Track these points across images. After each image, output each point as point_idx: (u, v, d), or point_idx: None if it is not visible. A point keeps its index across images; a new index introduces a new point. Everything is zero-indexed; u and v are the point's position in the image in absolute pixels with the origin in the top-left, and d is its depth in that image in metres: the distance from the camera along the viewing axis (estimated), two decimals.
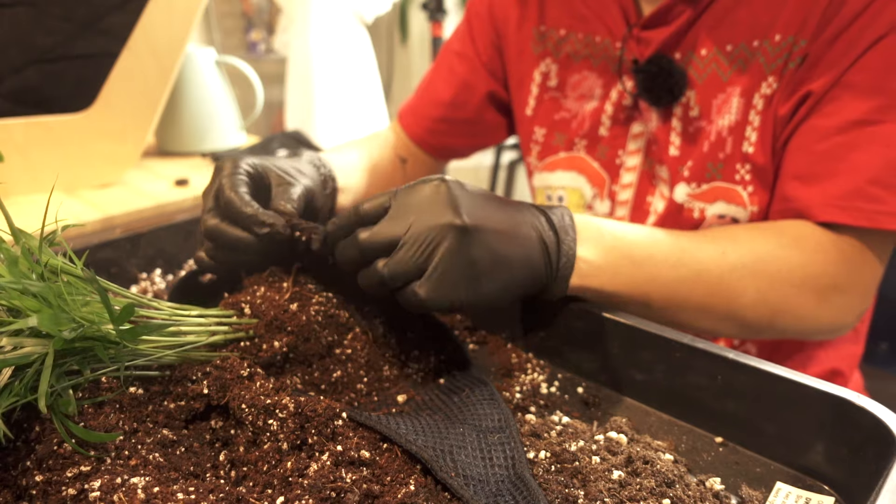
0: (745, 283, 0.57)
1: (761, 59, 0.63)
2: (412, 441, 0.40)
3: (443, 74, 0.87)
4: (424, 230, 0.45)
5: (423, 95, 0.89)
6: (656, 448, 0.43)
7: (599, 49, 0.74)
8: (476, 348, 0.59)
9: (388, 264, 0.45)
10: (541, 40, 0.79)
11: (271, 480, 0.39)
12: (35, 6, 0.89)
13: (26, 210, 0.91)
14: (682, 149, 0.69)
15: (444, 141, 0.89)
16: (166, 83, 1.01)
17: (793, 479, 0.43)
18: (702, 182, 0.68)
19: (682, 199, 0.70)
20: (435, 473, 0.38)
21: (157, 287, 0.69)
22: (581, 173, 0.79)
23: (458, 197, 0.46)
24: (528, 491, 0.37)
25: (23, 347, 0.37)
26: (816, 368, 0.77)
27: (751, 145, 0.64)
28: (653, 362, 0.50)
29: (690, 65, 0.67)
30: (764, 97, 0.63)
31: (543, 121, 0.81)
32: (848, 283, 0.59)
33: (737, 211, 0.67)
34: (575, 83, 0.78)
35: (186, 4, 0.98)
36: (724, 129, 0.66)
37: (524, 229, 0.49)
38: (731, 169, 0.66)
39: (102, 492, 0.36)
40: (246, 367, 0.45)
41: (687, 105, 0.68)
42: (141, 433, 0.41)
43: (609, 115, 0.75)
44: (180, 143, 1.23)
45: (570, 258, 0.51)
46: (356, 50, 2.30)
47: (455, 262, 0.45)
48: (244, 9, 3.29)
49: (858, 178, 0.57)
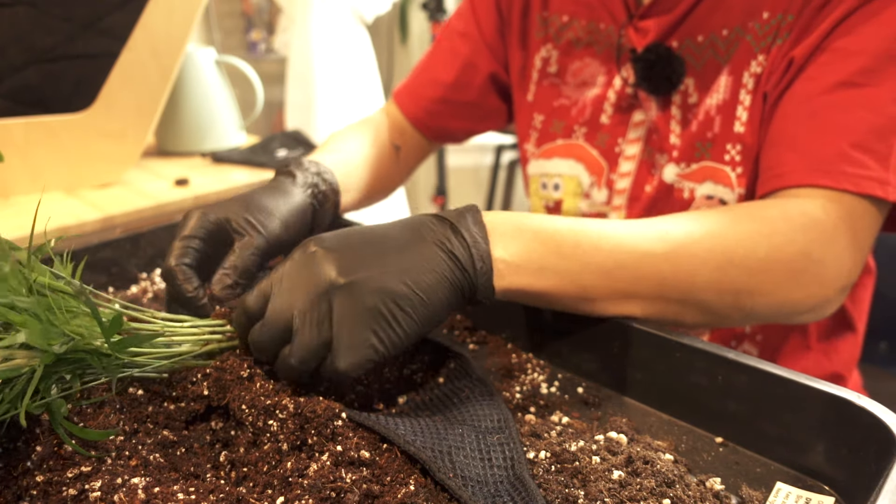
0: (695, 263, 0.50)
1: (749, 38, 0.63)
2: (411, 441, 0.40)
3: (444, 55, 0.86)
4: (309, 304, 0.42)
5: (421, 76, 0.87)
6: (656, 448, 0.43)
7: (603, 36, 0.74)
8: (476, 348, 0.59)
9: (292, 354, 0.42)
10: (543, 26, 0.79)
11: (271, 481, 0.39)
12: (35, 6, 0.89)
13: (26, 210, 0.91)
14: (682, 136, 0.69)
15: (443, 122, 0.87)
16: (166, 83, 1.01)
17: (793, 479, 0.43)
18: (691, 161, 0.68)
19: (672, 180, 0.69)
20: (433, 474, 0.38)
21: (157, 287, 0.69)
22: (579, 161, 0.78)
23: (329, 253, 0.44)
24: (527, 491, 0.37)
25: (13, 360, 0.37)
26: (815, 373, 0.77)
27: (742, 125, 0.64)
28: (653, 362, 0.50)
29: (688, 52, 0.67)
30: (754, 75, 0.63)
31: (542, 107, 0.80)
32: (823, 252, 0.53)
33: (724, 192, 0.66)
34: (576, 70, 0.77)
35: (186, 4, 0.98)
36: (713, 107, 0.66)
37: (424, 249, 0.45)
38: (721, 149, 0.66)
39: (103, 492, 0.36)
40: (246, 367, 0.45)
41: (686, 92, 0.68)
42: (141, 434, 0.42)
43: (612, 102, 0.74)
44: (180, 143, 1.23)
45: (486, 261, 0.46)
46: (356, 50, 2.30)
47: (356, 321, 0.42)
48: (244, 9, 3.29)
49: (842, 142, 0.55)
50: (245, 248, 0.55)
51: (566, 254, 0.49)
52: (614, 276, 0.50)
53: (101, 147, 0.98)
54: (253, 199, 0.58)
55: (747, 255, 0.51)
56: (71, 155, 0.97)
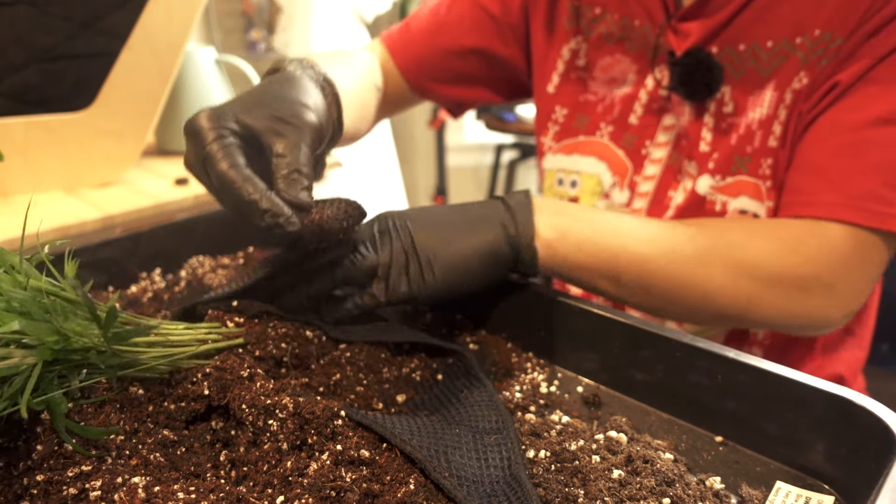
0: (715, 268, 0.56)
1: (799, 55, 0.62)
2: (407, 441, 0.40)
3: (457, 21, 0.80)
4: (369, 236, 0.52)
5: (427, 34, 0.82)
6: (656, 447, 0.43)
7: (638, 33, 0.72)
8: (476, 348, 0.59)
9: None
10: (574, 15, 0.76)
11: (271, 480, 0.39)
12: (35, 5, 0.89)
13: (25, 209, 0.91)
14: (712, 144, 0.68)
15: (436, 88, 0.84)
16: (166, 82, 1.01)
17: (793, 478, 0.43)
18: (726, 175, 0.67)
19: (705, 192, 0.68)
20: (429, 474, 0.38)
21: (157, 286, 0.69)
22: (602, 159, 0.77)
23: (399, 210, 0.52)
24: (523, 491, 0.37)
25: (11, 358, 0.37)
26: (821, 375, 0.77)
27: (776, 139, 0.64)
28: (653, 362, 0.50)
29: (727, 60, 0.66)
30: (794, 91, 0.62)
31: (566, 101, 0.79)
32: (835, 278, 0.57)
33: (757, 206, 0.66)
34: (605, 66, 0.75)
35: (186, 4, 0.98)
36: (755, 122, 0.65)
37: (473, 211, 0.55)
38: (757, 163, 0.65)
39: (103, 491, 0.36)
40: (246, 367, 0.45)
41: (721, 101, 0.67)
42: (142, 433, 0.42)
43: (643, 103, 0.73)
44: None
45: (529, 225, 0.54)
46: None
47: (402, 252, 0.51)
48: (244, 8, 3.28)
49: (874, 180, 0.56)
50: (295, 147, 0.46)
51: (605, 234, 0.55)
52: (642, 267, 0.55)
53: (100, 146, 0.98)
54: (270, 93, 0.50)
55: (763, 269, 0.56)
56: (71, 154, 0.97)
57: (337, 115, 0.60)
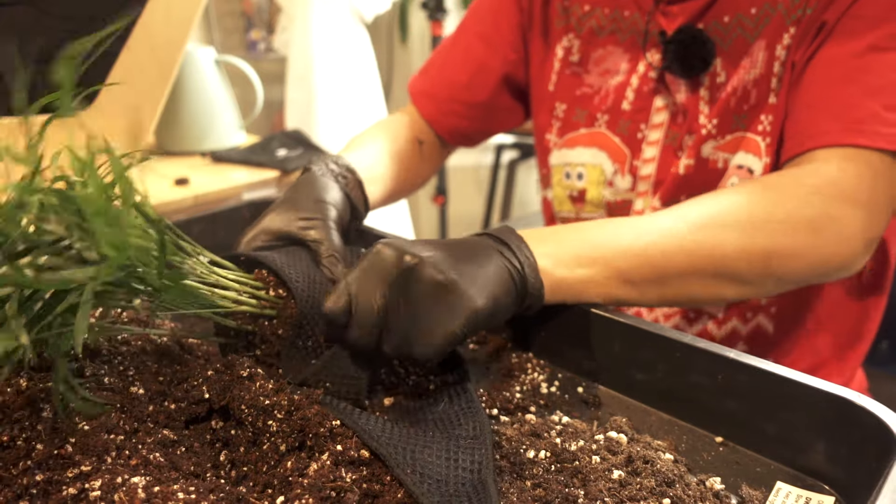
0: (719, 233, 0.53)
1: (782, 10, 0.63)
2: (376, 437, 0.40)
3: (459, 55, 0.85)
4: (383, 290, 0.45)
5: (437, 76, 0.87)
6: (656, 448, 0.43)
7: (628, 24, 0.74)
8: (476, 348, 0.59)
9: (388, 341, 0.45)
10: (564, 14, 0.79)
11: (271, 480, 0.39)
12: (35, 5, 0.89)
13: None
14: (710, 116, 0.70)
15: (456, 123, 0.87)
16: (166, 83, 1.01)
17: (793, 478, 0.43)
18: (726, 133, 0.69)
19: (708, 153, 0.70)
20: (392, 470, 0.38)
21: None
22: (602, 149, 0.78)
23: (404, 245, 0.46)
24: (486, 495, 0.37)
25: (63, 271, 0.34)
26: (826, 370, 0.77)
27: (775, 96, 0.65)
28: (653, 362, 0.50)
29: (715, 33, 0.68)
30: (786, 48, 0.64)
31: (564, 96, 0.81)
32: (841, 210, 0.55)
33: (753, 161, 0.67)
34: (598, 58, 0.77)
35: (186, 4, 0.98)
36: (750, 82, 0.67)
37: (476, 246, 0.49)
38: (755, 119, 0.67)
39: (103, 491, 0.36)
40: (246, 367, 0.45)
41: (714, 73, 0.69)
42: (141, 433, 0.41)
43: (634, 88, 0.75)
44: (180, 143, 1.23)
45: (530, 257, 0.50)
46: (356, 49, 2.30)
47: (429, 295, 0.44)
48: (244, 8, 3.29)
49: (875, 103, 0.57)
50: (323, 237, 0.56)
51: (595, 242, 0.53)
52: (645, 259, 0.52)
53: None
54: (293, 197, 0.59)
55: (768, 220, 0.54)
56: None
57: (361, 194, 0.67)
